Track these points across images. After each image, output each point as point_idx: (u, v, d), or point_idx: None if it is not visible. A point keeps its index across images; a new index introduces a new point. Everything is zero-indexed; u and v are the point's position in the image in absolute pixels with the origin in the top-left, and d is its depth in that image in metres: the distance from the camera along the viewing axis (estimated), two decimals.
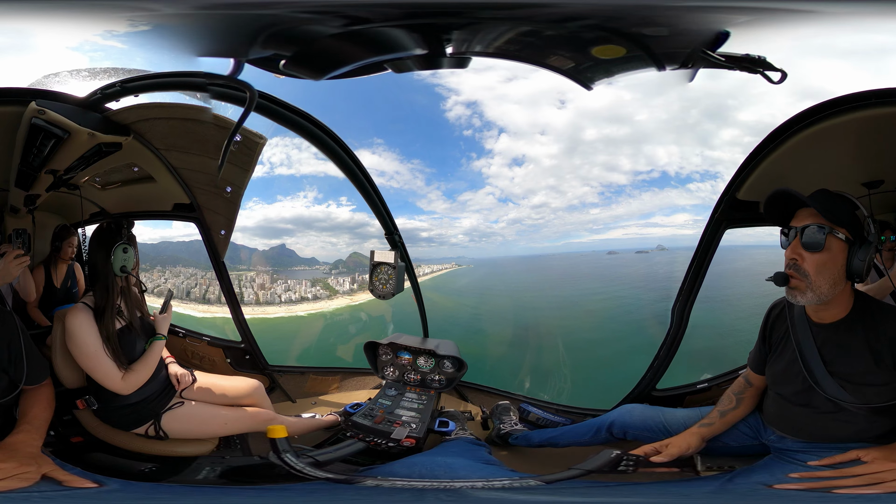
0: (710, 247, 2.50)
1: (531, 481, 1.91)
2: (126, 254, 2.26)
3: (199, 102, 2.45)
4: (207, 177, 2.70)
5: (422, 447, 2.38)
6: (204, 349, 2.96)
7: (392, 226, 2.97)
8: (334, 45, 2.21)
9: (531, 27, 2.14)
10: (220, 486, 2.23)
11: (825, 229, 1.81)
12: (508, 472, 2.12)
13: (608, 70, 2.31)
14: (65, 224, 2.87)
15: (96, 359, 2.18)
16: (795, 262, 1.84)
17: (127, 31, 2.23)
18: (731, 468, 2.05)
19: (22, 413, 2.06)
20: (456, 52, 2.26)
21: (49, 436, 2.10)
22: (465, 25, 2.13)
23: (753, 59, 2.06)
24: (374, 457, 2.38)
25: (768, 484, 1.87)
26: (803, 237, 1.83)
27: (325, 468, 2.03)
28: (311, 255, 3.27)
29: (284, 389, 3.05)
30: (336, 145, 2.69)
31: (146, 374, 2.28)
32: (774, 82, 2.08)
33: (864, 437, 1.84)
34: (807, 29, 2.09)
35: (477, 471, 2.09)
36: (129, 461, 2.27)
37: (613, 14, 2.05)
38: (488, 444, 2.56)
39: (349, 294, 3.43)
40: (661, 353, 2.68)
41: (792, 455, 1.95)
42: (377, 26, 2.10)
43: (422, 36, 2.17)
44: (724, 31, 2.04)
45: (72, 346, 2.19)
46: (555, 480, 1.90)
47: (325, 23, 2.10)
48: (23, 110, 2.11)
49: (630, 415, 2.35)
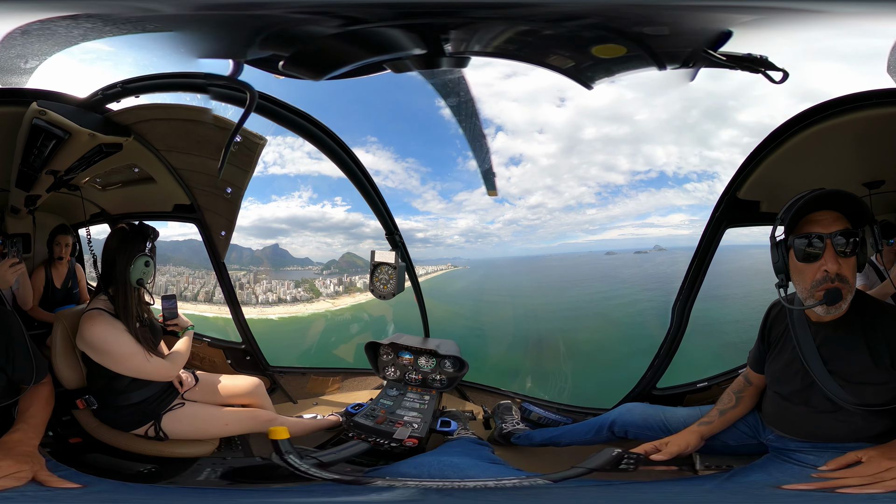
0: (711, 246, 2.51)
1: (539, 480, 1.90)
2: (147, 267, 2.25)
3: (199, 103, 2.45)
4: (208, 178, 2.70)
5: (424, 447, 2.38)
6: (204, 350, 2.95)
7: (392, 226, 2.97)
8: (333, 46, 2.20)
9: (529, 26, 2.13)
10: (219, 488, 2.22)
11: (857, 233, 1.75)
12: (515, 472, 2.12)
13: (609, 69, 2.30)
14: (62, 224, 2.86)
15: (132, 358, 2.18)
16: (838, 273, 1.75)
17: (128, 33, 2.22)
18: (730, 467, 2.06)
19: (20, 412, 2.04)
20: (455, 51, 2.26)
21: (47, 436, 2.10)
22: (462, 25, 2.12)
23: (755, 58, 2.04)
24: (378, 457, 2.39)
25: (766, 483, 1.87)
26: (838, 245, 1.75)
27: (330, 469, 2.03)
28: (305, 256, 3.24)
29: (285, 390, 3.05)
30: (336, 145, 2.69)
31: (184, 360, 2.35)
32: (776, 82, 2.07)
33: (862, 436, 1.83)
34: (810, 30, 2.08)
35: (484, 470, 2.09)
36: (128, 462, 2.25)
37: (614, 13, 2.04)
38: (490, 444, 2.57)
39: (332, 297, 3.35)
40: (662, 353, 2.69)
41: (790, 454, 1.95)
42: (375, 26, 2.10)
43: (420, 36, 2.16)
44: (727, 30, 2.03)
45: (103, 354, 2.17)
46: (562, 479, 1.90)
47: (324, 23, 2.10)
48: (24, 111, 2.11)
49: (631, 413, 2.36)
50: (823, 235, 1.76)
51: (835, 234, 1.75)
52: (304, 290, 3.32)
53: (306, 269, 3.27)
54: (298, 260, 3.23)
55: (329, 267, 3.30)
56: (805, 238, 1.79)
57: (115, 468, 2.21)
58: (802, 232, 1.80)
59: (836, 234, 1.75)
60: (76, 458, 2.22)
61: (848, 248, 1.75)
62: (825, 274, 1.76)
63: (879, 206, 2.24)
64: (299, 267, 3.25)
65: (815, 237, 1.77)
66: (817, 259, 1.77)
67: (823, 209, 1.79)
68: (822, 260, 1.77)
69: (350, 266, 3.30)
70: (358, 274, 3.31)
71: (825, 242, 1.76)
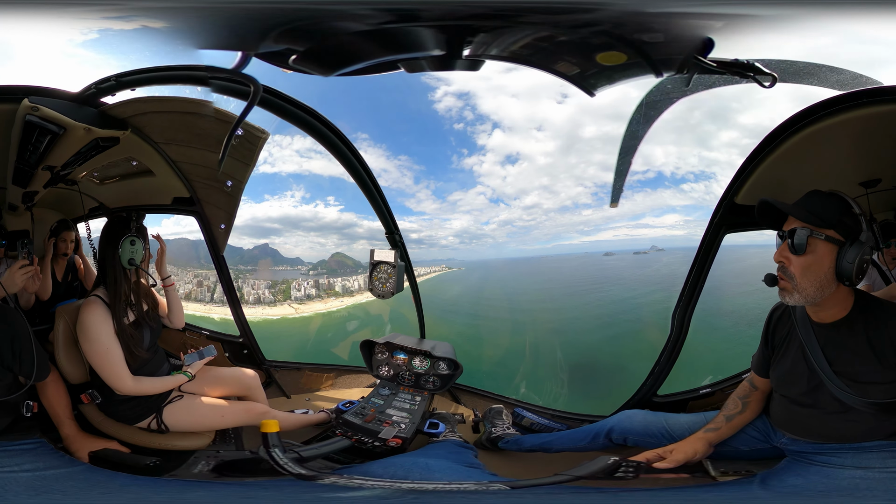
0: (710, 251, 2.46)
1: (503, 485, 1.89)
2: (134, 246, 2.29)
3: (202, 96, 2.45)
4: (208, 171, 2.71)
5: (407, 448, 2.36)
6: (203, 343, 2.99)
7: (393, 225, 2.94)
8: (350, 42, 2.19)
9: (547, 32, 2.13)
10: (204, 481, 2.25)
11: (807, 232, 1.82)
12: (489, 476, 2.10)
13: (610, 77, 2.30)
14: (62, 219, 2.91)
15: (107, 356, 2.21)
16: (783, 265, 1.86)
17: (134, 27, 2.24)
18: (749, 472, 2.03)
19: (54, 413, 2.24)
20: (472, 54, 2.24)
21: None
22: (493, 29, 2.12)
23: (743, 64, 2.07)
24: (364, 455, 2.37)
25: (806, 486, 1.86)
26: (791, 240, 1.84)
27: (304, 464, 2.02)
28: (296, 256, 3.21)
29: (280, 385, 3.07)
30: (339, 141, 2.67)
31: (153, 392, 2.32)
32: (766, 86, 2.09)
33: (876, 435, 1.83)
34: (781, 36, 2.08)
35: (455, 473, 2.07)
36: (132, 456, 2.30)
37: (620, 20, 2.04)
38: (475, 448, 2.53)
39: (300, 301, 3.23)
40: (662, 359, 2.64)
41: (809, 456, 1.93)
42: (405, 26, 2.08)
43: (446, 37, 2.15)
44: (709, 37, 2.04)
45: (84, 340, 2.22)
46: (522, 486, 1.88)
47: (354, 20, 2.08)
48: (15, 107, 2.13)
49: (630, 420, 2.33)
50: (783, 232, 1.89)
51: (788, 231, 1.86)
52: (271, 293, 3.24)
53: (295, 269, 3.24)
54: (289, 260, 3.21)
55: (316, 267, 3.26)
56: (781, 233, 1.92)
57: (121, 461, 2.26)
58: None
59: (789, 231, 1.85)
60: None
61: (797, 245, 1.82)
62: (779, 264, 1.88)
63: (879, 206, 2.24)
64: (288, 267, 3.23)
65: (781, 234, 1.90)
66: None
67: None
68: (777, 252, 1.89)
69: (340, 266, 3.26)
70: (347, 275, 3.26)
71: (782, 237, 1.89)
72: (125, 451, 2.27)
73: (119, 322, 2.23)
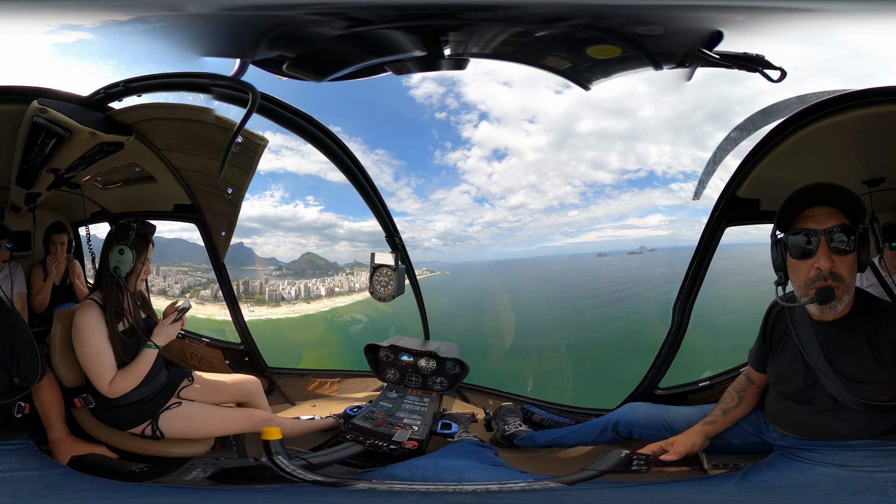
0: (711, 245, 2.48)
1: (551, 483, 1.86)
2: (122, 255, 2.25)
3: (201, 103, 2.45)
4: (209, 178, 2.69)
5: (424, 449, 2.36)
6: (203, 350, 2.94)
7: (392, 228, 2.95)
8: (337, 47, 2.22)
9: (523, 27, 2.13)
10: (206, 488, 2.19)
11: (854, 229, 1.72)
12: (519, 474, 2.08)
13: (605, 70, 2.29)
14: (56, 221, 2.86)
15: (95, 358, 2.17)
16: (832, 271, 1.72)
17: (134, 30, 2.24)
18: (737, 466, 2.03)
19: (45, 415, 2.18)
20: (453, 53, 2.26)
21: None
22: (460, 27, 2.13)
23: (751, 57, 2.02)
24: (377, 460, 2.35)
25: (778, 483, 1.86)
26: (833, 241, 1.72)
27: (318, 471, 1.99)
28: (271, 256, 3.01)
29: (283, 391, 3.02)
30: (336, 146, 2.68)
31: (132, 381, 2.22)
32: (774, 81, 2.04)
33: (862, 434, 1.82)
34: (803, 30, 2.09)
35: (485, 473, 2.04)
36: (121, 462, 2.24)
37: (605, 13, 2.04)
38: (494, 446, 2.52)
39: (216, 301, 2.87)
40: (663, 352, 2.66)
41: (795, 453, 1.94)
42: (377, 28, 2.12)
43: (420, 38, 2.17)
44: (718, 30, 2.02)
45: (76, 342, 2.19)
46: (576, 481, 1.85)
47: (329, 25, 2.11)
48: (24, 108, 2.11)
49: (634, 413, 2.35)
50: (817, 231, 1.74)
51: (829, 231, 1.73)
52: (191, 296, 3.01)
53: (265, 269, 3.05)
54: (264, 260, 3.03)
55: (281, 269, 3.05)
56: (798, 234, 1.78)
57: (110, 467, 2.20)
58: (797, 228, 1.79)
59: (830, 231, 1.73)
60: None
61: (843, 245, 1.72)
62: (818, 272, 1.74)
63: (883, 205, 2.22)
64: (259, 267, 3.03)
65: (809, 233, 1.75)
66: (811, 256, 1.76)
67: (818, 204, 1.77)
68: (816, 257, 1.74)
69: (310, 267, 3.08)
70: (317, 277, 3.07)
71: (819, 238, 1.74)
72: (113, 456, 2.22)
73: (111, 327, 2.20)
